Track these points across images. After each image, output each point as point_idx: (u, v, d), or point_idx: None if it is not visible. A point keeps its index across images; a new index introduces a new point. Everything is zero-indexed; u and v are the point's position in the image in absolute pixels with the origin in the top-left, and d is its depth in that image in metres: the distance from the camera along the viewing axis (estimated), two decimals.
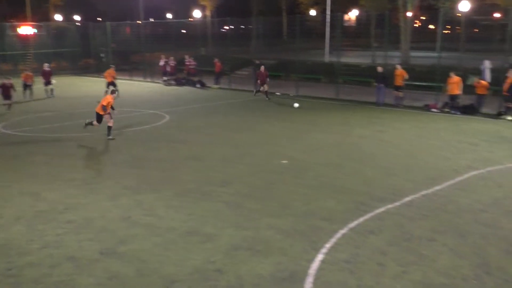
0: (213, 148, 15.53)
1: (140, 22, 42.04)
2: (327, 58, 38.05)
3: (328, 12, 39.64)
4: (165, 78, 33.78)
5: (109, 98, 16.67)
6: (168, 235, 8.94)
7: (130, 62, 41.67)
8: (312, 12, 57.84)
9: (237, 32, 55.56)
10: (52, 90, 27.63)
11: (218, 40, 48.15)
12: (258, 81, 26.33)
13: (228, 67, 33.24)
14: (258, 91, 26.63)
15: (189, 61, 33.68)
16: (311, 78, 32.94)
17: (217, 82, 31.89)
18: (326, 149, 15.32)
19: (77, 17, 65.28)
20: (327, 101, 25.43)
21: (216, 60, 32.34)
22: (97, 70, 41.79)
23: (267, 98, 25.88)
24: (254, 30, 47.58)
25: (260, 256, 8.09)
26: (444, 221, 9.53)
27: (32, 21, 44.65)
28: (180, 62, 35.16)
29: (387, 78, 23.87)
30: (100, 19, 61.46)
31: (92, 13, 65.98)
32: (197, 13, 57.15)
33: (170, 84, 33.22)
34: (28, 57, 40.44)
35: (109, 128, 16.60)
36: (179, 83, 33.09)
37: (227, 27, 54.73)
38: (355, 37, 48.92)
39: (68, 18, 61.34)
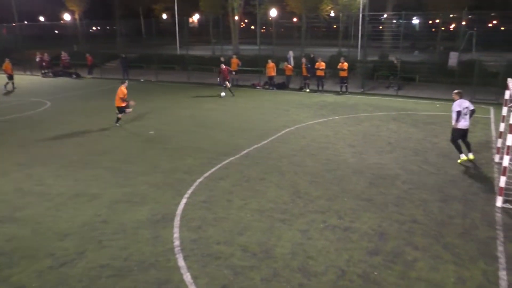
0: (92, 126, 14.34)
1: (15, 24, 36.41)
2: (179, 51, 37.11)
3: (176, 16, 38.46)
4: (43, 71, 30.15)
5: (122, 89, 14.10)
6: (58, 199, 8.15)
7: (11, 59, 36.14)
8: (164, 16, 55.49)
9: (104, 32, 51.38)
10: None
11: (89, 38, 44.08)
12: (221, 75, 20.88)
13: (98, 60, 30.70)
14: (225, 86, 20.54)
15: (64, 56, 30.46)
16: (168, 67, 31.93)
17: (90, 73, 29.37)
18: (184, 121, 15.10)
19: None
20: (182, 84, 24.95)
21: (87, 55, 29.67)
22: None
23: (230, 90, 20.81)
24: (118, 30, 44.35)
25: (138, 206, 7.80)
26: (270, 165, 10.09)
27: None
28: (56, 57, 31.60)
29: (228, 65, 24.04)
30: None
31: None
32: (67, 16, 51.27)
33: (48, 76, 29.69)
34: None
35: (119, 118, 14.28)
36: (56, 75, 29.77)
37: (95, 28, 50.24)
38: (198, 35, 48.54)
39: None
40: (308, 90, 21.64)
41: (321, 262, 5.91)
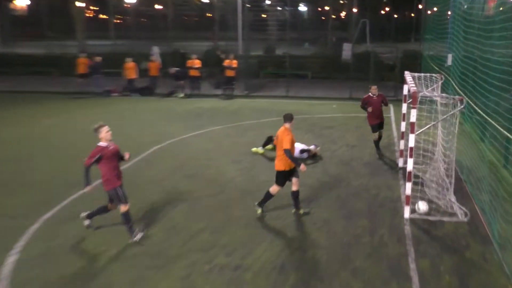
0: None
1: None
2: (0, 49, 34.24)
3: None
4: None
5: (285, 132, 8.71)
6: None
7: None
8: None
9: None
10: None
11: None
12: None
13: None
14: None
15: None
16: None
17: None
18: (10, 145, 13.80)
19: None
20: (6, 94, 22.76)
21: None
22: None
23: None
24: None
25: None
26: (134, 195, 9.55)
27: None
28: None
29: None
30: None
31: None
32: None
33: None
34: None
35: (294, 194, 8.88)
36: None
37: None
38: (28, 26, 45.21)
39: None
40: (182, 95, 21.63)
41: None
